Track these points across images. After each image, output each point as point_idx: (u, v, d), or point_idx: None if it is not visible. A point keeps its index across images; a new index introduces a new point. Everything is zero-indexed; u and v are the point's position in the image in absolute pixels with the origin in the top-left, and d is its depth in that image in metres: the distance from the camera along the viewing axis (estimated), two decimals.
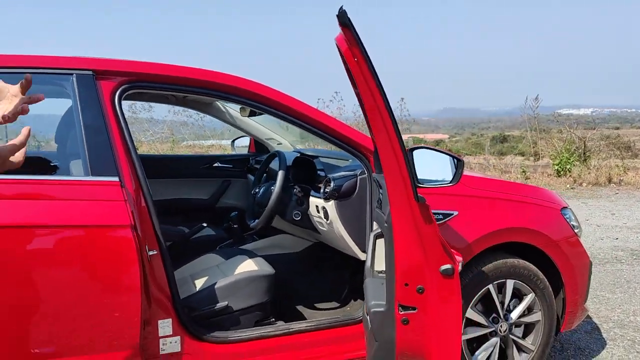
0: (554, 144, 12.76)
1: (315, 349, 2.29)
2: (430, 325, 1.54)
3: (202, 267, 2.66)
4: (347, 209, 2.36)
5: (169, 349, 2.05)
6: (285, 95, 2.34)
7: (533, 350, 2.61)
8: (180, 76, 2.23)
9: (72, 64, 2.04)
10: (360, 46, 1.28)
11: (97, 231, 1.84)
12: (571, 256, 2.65)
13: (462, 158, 2.07)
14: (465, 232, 2.38)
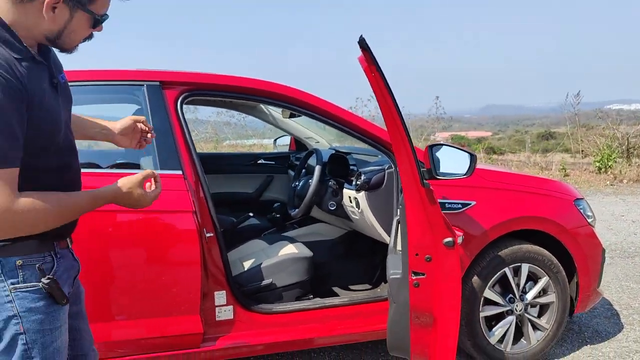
0: (595, 141, 12.63)
1: (347, 321, 2.62)
2: (436, 288, 1.84)
3: (249, 251, 3.04)
4: (376, 199, 2.68)
5: (223, 316, 2.43)
6: (320, 99, 2.67)
7: (547, 328, 2.86)
8: (231, 84, 2.61)
9: (143, 76, 2.45)
10: (376, 64, 1.61)
11: (167, 215, 2.24)
12: (584, 243, 2.89)
13: (475, 153, 2.35)
14: (483, 220, 2.66)
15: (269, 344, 2.51)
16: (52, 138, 1.32)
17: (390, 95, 1.69)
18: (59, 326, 1.37)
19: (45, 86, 1.30)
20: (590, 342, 3.16)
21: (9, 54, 1.22)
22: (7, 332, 1.29)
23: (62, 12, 1.28)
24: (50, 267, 1.35)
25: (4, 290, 1.27)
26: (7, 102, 1.16)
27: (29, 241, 1.29)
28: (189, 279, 2.27)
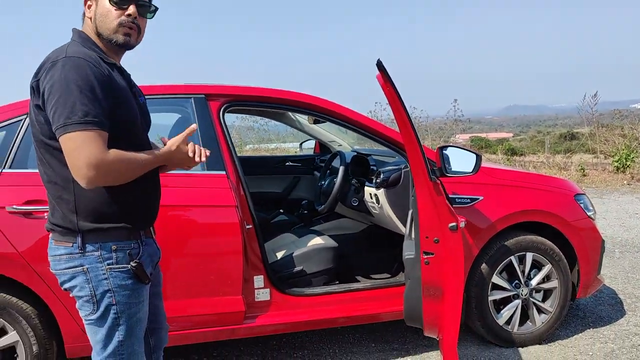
0: (614, 141, 12.73)
1: (369, 302, 2.96)
2: (443, 265, 2.17)
3: (281, 243, 3.40)
4: (394, 195, 3.01)
5: (261, 297, 2.79)
6: (343, 106, 3.02)
7: (551, 312, 3.16)
8: (265, 95, 2.98)
9: (190, 90, 2.83)
10: (390, 81, 1.96)
11: (214, 209, 2.61)
12: (583, 234, 3.18)
13: (480, 153, 2.68)
14: (490, 213, 2.98)
15: (300, 322, 2.86)
16: (129, 131, 1.64)
17: (402, 105, 2.03)
18: (142, 301, 1.71)
19: (125, 86, 1.65)
20: (593, 325, 3.44)
21: (96, 55, 1.58)
22: (102, 303, 1.63)
23: (91, 7, 1.64)
24: (137, 253, 1.68)
25: (101, 269, 1.61)
26: (95, 82, 1.49)
27: (122, 230, 1.64)
28: (233, 264, 2.64)
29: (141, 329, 1.74)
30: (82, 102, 1.46)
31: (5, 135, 2.52)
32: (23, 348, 2.44)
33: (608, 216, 7.04)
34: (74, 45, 1.59)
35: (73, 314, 2.46)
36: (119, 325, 1.66)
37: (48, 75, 1.49)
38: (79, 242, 1.60)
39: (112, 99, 1.55)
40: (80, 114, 1.45)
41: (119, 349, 1.67)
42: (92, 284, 1.61)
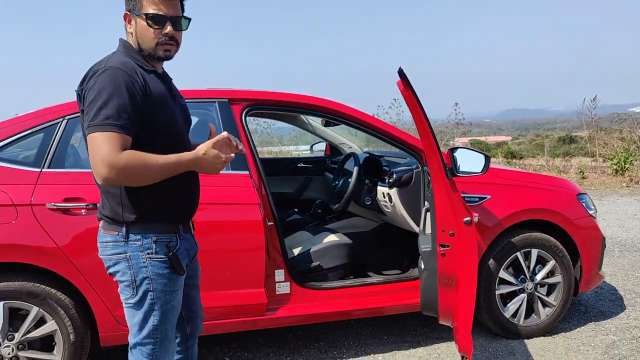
0: (612, 144, 12.92)
1: (383, 296, 3.12)
2: (458, 257, 2.33)
3: (297, 240, 3.56)
4: (406, 194, 3.18)
5: (282, 290, 2.95)
6: (356, 109, 3.18)
7: (555, 305, 3.32)
8: (283, 99, 3.14)
9: (215, 94, 2.99)
10: (411, 88, 2.12)
11: (238, 207, 2.77)
12: (585, 232, 3.35)
13: (489, 155, 2.85)
14: (497, 211, 3.15)
15: (317, 314, 3.02)
16: (166, 131, 1.77)
17: (422, 110, 2.20)
18: (176, 290, 1.86)
19: (164, 92, 1.81)
20: (594, 319, 3.61)
21: (136, 65, 1.74)
22: (141, 289, 1.79)
23: (133, 22, 1.78)
24: (175, 245, 1.83)
25: (142, 258, 1.77)
26: (126, 91, 1.63)
27: (162, 224, 1.81)
28: (257, 259, 2.79)
29: (174, 316, 1.89)
30: (108, 107, 1.60)
31: (44, 137, 2.68)
32: (61, 337, 2.60)
33: (608, 217, 7.21)
34: (116, 56, 1.75)
35: (108, 304, 2.63)
36: (154, 311, 1.81)
37: (89, 85, 1.66)
38: (123, 232, 1.77)
39: (148, 104, 1.70)
40: (102, 117, 1.59)
41: (153, 333, 1.82)
42: (133, 270, 1.78)
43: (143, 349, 1.83)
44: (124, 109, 1.62)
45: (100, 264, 2.60)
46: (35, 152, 2.66)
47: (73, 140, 2.77)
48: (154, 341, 1.83)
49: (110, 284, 2.61)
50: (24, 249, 2.51)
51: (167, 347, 1.87)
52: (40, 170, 2.60)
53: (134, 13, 1.76)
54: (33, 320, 2.56)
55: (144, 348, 1.83)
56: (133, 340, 1.85)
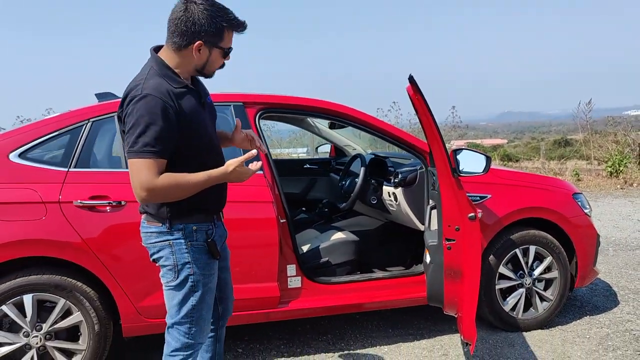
0: (607, 147, 13.14)
1: (388, 290, 3.28)
2: (462, 250, 2.50)
3: (305, 238, 3.72)
4: (410, 193, 3.34)
5: (293, 284, 3.10)
6: (363, 112, 3.34)
7: (552, 299, 3.49)
8: (294, 103, 3.30)
9: (230, 98, 3.14)
10: (420, 93, 2.29)
11: (253, 205, 2.93)
12: (581, 230, 3.52)
13: (489, 155, 3.01)
14: (497, 209, 3.31)
15: (327, 307, 3.17)
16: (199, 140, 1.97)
17: (431, 114, 2.37)
18: (213, 273, 2.07)
19: (195, 105, 1.98)
20: (589, 313, 3.77)
21: (169, 86, 1.90)
22: (182, 273, 1.98)
23: (204, 51, 1.95)
24: (211, 233, 2.05)
25: (184, 245, 1.97)
26: (161, 119, 1.81)
27: (200, 215, 2.01)
28: (270, 254, 2.95)
29: (210, 297, 2.08)
30: (145, 135, 1.79)
31: (70, 138, 2.83)
32: (86, 327, 2.74)
33: (602, 218, 7.39)
34: (151, 78, 1.89)
35: (130, 297, 2.78)
36: (193, 292, 2.00)
37: (128, 110, 1.85)
38: (167, 224, 1.96)
39: (182, 124, 1.89)
40: (141, 144, 1.79)
41: (190, 312, 2.01)
42: (175, 255, 1.97)
43: (181, 328, 2.01)
44: (160, 136, 1.80)
45: (123, 259, 2.77)
46: (63, 153, 2.81)
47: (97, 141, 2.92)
48: (191, 320, 2.02)
49: (133, 278, 2.79)
50: (53, 244, 2.65)
51: (202, 327, 2.05)
52: (67, 169, 2.75)
53: (213, 45, 1.94)
54: (60, 311, 2.70)
55: (182, 327, 2.01)
56: (171, 320, 2.03)
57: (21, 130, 2.84)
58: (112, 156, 3.06)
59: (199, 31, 1.89)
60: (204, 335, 2.09)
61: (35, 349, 2.67)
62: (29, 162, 2.73)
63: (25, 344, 2.66)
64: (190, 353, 2.05)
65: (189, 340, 2.03)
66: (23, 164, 2.71)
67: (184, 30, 1.89)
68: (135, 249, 2.73)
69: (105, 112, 2.90)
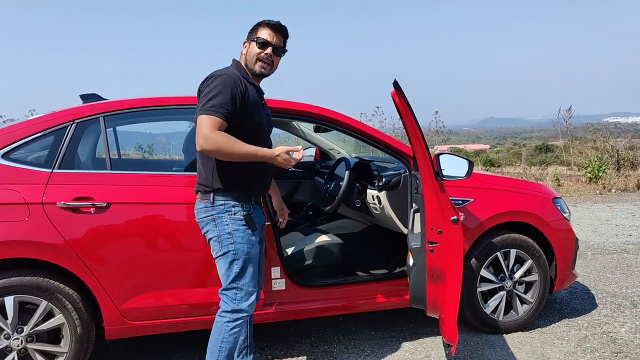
0: (587, 153, 13.39)
1: (371, 293, 3.31)
2: (445, 253, 2.54)
3: (289, 241, 3.73)
4: (394, 197, 3.37)
5: (277, 287, 3.11)
6: (348, 116, 3.36)
7: (532, 302, 3.55)
8: (275, 106, 3.30)
9: None
10: (405, 98, 2.33)
11: None
12: (560, 233, 3.59)
13: (472, 160, 3.06)
14: (479, 213, 3.37)
15: (310, 310, 3.19)
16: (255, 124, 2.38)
17: (415, 119, 2.41)
18: (252, 243, 2.40)
19: (257, 98, 2.42)
20: (568, 316, 3.85)
21: (241, 76, 2.38)
22: (224, 243, 2.35)
23: (246, 46, 2.49)
24: (248, 210, 2.41)
25: (224, 218, 2.35)
26: (230, 92, 2.24)
27: (239, 194, 2.38)
28: None
29: (253, 266, 2.40)
30: (215, 99, 2.21)
31: (54, 139, 2.81)
32: (68, 329, 2.72)
33: (581, 222, 7.53)
34: (230, 68, 2.41)
35: (114, 299, 2.77)
36: (236, 260, 2.35)
37: (207, 83, 2.30)
38: (211, 198, 2.36)
39: (244, 105, 2.31)
40: (209, 105, 2.20)
41: (235, 279, 2.36)
42: (218, 228, 2.35)
43: (228, 293, 2.37)
44: (225, 102, 2.22)
45: (107, 261, 2.77)
46: (47, 154, 2.79)
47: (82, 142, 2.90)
48: (236, 287, 2.36)
49: (116, 280, 2.78)
50: (36, 245, 2.63)
51: (248, 294, 2.37)
52: (51, 170, 2.74)
53: (250, 40, 2.45)
54: (42, 313, 2.68)
55: (229, 292, 2.37)
56: (221, 288, 2.39)
57: (5, 131, 2.82)
58: (96, 158, 3.05)
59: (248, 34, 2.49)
60: (250, 304, 2.38)
61: (16, 352, 2.65)
62: (12, 163, 2.71)
63: (5, 346, 2.63)
64: (236, 318, 2.36)
65: (235, 306, 2.36)
66: (6, 165, 2.69)
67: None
68: (119, 251, 2.76)
69: (90, 113, 2.89)
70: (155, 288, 2.84)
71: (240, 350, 2.49)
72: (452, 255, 2.52)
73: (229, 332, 2.35)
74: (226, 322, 2.36)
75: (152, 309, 2.84)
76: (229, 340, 2.35)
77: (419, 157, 2.55)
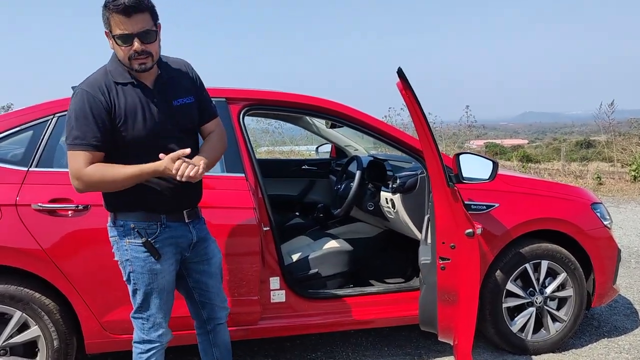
0: (631, 150, 12.63)
1: (383, 307, 2.99)
2: (459, 270, 2.20)
3: (296, 246, 3.44)
4: (409, 200, 3.04)
5: (277, 298, 2.83)
6: (360, 111, 3.05)
7: (566, 320, 3.16)
8: (284, 100, 3.02)
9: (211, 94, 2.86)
10: (410, 88, 2.00)
11: (232, 211, 2.65)
12: (600, 243, 3.18)
13: (497, 161, 2.70)
14: (505, 220, 2.99)
15: (314, 325, 2.90)
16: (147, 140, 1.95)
17: (421, 111, 2.07)
18: (155, 274, 2.03)
19: (136, 103, 1.94)
20: (607, 335, 3.43)
21: (109, 80, 1.93)
22: (125, 270, 2.06)
23: (110, 43, 1.93)
24: (153, 233, 2.01)
25: (123, 242, 2.02)
26: (90, 113, 1.87)
27: (140, 213, 2.00)
28: (250, 265, 2.67)
29: (159, 297, 2.07)
30: (75, 128, 1.88)
31: (32, 135, 2.59)
32: (44, 342, 2.50)
33: (625, 225, 6.99)
34: (97, 72, 1.99)
35: (94, 310, 2.54)
36: (137, 290, 2.06)
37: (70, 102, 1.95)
38: (112, 219, 2.06)
39: (114, 118, 1.91)
40: (72, 137, 1.89)
41: (140, 309, 2.08)
42: (120, 252, 2.06)
43: (136, 322, 2.12)
44: (88, 128, 1.87)
45: (86, 269, 2.51)
46: (23, 151, 2.57)
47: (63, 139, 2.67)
48: (142, 317, 2.09)
49: (97, 290, 2.54)
50: (8, 251, 2.42)
51: (156, 325, 2.09)
52: (27, 169, 2.52)
53: (109, 36, 1.91)
54: (16, 325, 2.47)
55: (136, 321, 2.12)
56: (131, 314, 2.13)
57: None
58: None
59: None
60: (160, 335, 2.11)
61: None
62: None
63: None
64: (148, 349, 2.10)
65: (144, 336, 2.11)
66: None
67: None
68: (100, 258, 2.50)
69: None
70: None
71: None
72: (467, 275, 2.17)
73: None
74: (139, 354, 2.13)
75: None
76: None
77: (427, 157, 2.21)
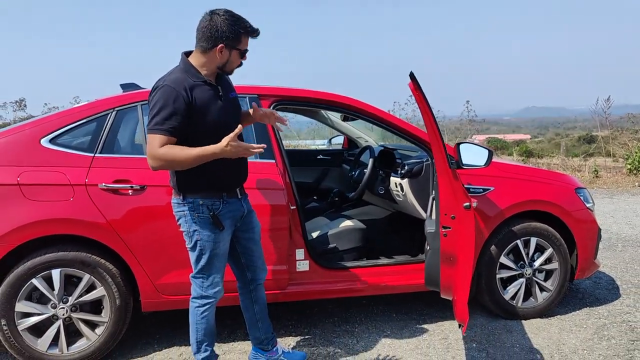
0: (627, 144, 13.04)
1: (392, 276, 3.44)
2: (458, 237, 2.65)
3: (315, 225, 3.89)
4: (416, 184, 3.49)
5: (301, 268, 3.28)
6: (372, 106, 3.49)
7: (551, 290, 3.61)
8: (307, 96, 3.46)
9: (246, 90, 3.31)
10: (420, 89, 2.44)
11: (266, 192, 3.10)
12: (582, 223, 3.63)
13: (492, 149, 3.14)
14: (499, 201, 3.44)
15: (332, 290, 3.35)
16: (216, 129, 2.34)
17: (429, 108, 2.52)
18: (218, 242, 2.50)
19: (209, 98, 2.36)
20: (589, 305, 3.89)
21: (188, 80, 2.31)
22: (192, 238, 2.48)
23: (225, 53, 2.36)
24: (217, 208, 2.47)
25: (193, 216, 2.45)
26: (172, 105, 2.24)
27: (207, 191, 2.44)
28: (281, 239, 3.13)
29: (220, 261, 2.54)
30: (158, 116, 2.24)
31: (97, 125, 3.04)
32: (108, 301, 2.96)
33: (616, 214, 7.43)
34: (173, 73, 2.36)
35: (150, 275, 2.99)
36: (202, 255, 2.49)
37: (151, 97, 2.34)
38: (181, 196, 2.46)
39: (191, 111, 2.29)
40: (153, 123, 2.25)
41: (202, 270, 2.53)
42: (188, 224, 2.47)
43: (196, 281, 2.55)
44: (169, 117, 2.24)
45: (143, 239, 2.98)
46: (90, 139, 3.02)
47: (121, 129, 3.13)
48: (203, 276, 2.54)
49: (152, 257, 3.00)
50: (80, 223, 2.87)
51: (214, 284, 2.55)
52: (93, 155, 2.97)
53: (232, 47, 2.36)
54: (85, 286, 2.92)
55: (197, 280, 2.55)
56: (192, 274, 2.57)
57: (51, 118, 3.06)
58: (134, 143, 3.27)
59: (221, 37, 2.32)
60: (216, 292, 2.56)
61: (62, 320, 2.90)
62: (58, 147, 2.95)
63: (52, 314, 2.89)
64: (205, 303, 2.56)
65: (203, 292, 2.55)
66: (53, 149, 2.93)
67: (209, 36, 2.32)
68: (155, 231, 2.97)
69: (129, 101, 3.11)
70: (187, 265, 3.05)
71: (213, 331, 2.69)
72: (465, 240, 2.63)
73: (200, 316, 2.57)
74: (196, 307, 2.58)
75: (184, 284, 3.05)
76: (202, 322, 2.58)
77: (434, 146, 2.66)
